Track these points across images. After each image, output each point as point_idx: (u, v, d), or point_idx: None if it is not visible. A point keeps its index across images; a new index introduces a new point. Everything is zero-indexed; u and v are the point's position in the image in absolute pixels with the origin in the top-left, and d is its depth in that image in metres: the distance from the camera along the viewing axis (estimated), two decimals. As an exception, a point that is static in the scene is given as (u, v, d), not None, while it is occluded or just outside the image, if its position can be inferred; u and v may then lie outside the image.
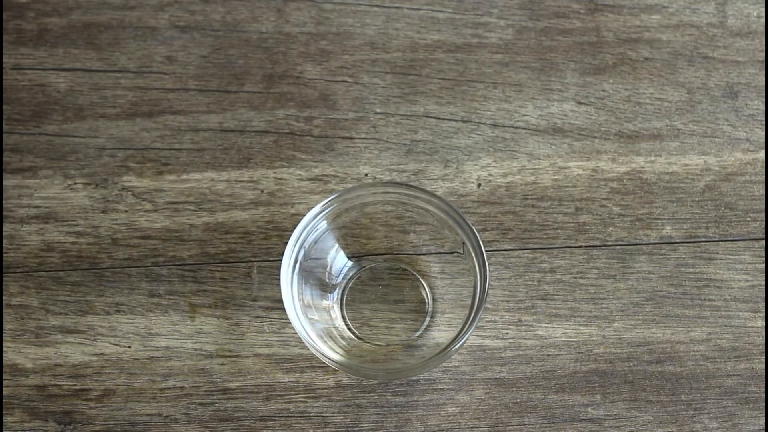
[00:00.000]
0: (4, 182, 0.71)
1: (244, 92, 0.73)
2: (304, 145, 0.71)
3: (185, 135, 0.72)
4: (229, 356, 0.67)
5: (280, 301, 0.63)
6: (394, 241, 0.67)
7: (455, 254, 0.64)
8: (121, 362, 0.67)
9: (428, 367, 0.61)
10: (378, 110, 0.72)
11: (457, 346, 0.60)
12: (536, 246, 0.69)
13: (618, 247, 0.69)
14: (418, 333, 0.67)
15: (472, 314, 0.60)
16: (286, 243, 0.62)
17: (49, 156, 0.71)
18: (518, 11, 0.74)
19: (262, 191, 0.70)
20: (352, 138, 0.71)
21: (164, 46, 0.74)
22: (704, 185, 0.70)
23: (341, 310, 0.68)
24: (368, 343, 0.67)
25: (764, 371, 0.67)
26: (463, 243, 0.62)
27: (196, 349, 0.68)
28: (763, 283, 0.69)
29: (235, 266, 0.69)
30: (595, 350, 0.67)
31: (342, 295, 0.68)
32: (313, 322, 0.63)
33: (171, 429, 0.66)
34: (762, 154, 0.71)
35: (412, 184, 0.68)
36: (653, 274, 0.69)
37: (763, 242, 0.69)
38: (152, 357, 0.68)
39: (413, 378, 0.67)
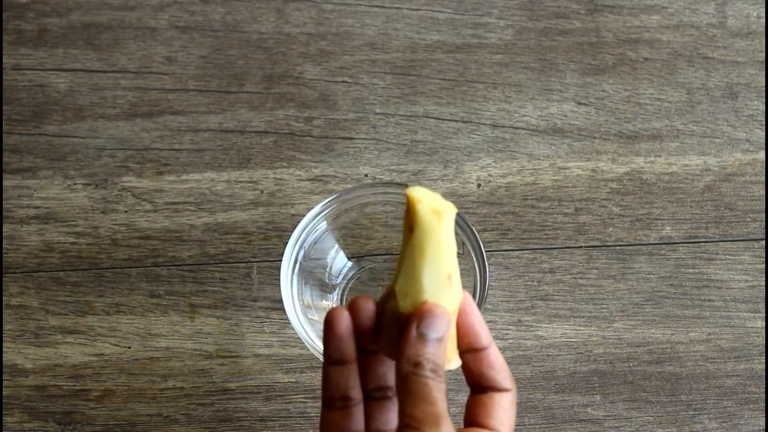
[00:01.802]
0: (4, 182, 0.71)
1: (244, 92, 0.73)
2: (304, 145, 0.71)
3: (185, 135, 0.72)
4: (229, 356, 0.67)
5: (280, 301, 0.63)
6: (394, 241, 0.67)
7: (455, 254, 0.64)
8: (121, 362, 0.67)
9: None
10: (378, 110, 0.72)
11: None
12: (536, 246, 0.69)
13: (618, 247, 0.69)
14: (418, 333, 0.67)
15: (472, 314, 0.60)
16: (286, 243, 0.62)
17: (49, 156, 0.71)
18: (518, 12, 0.74)
19: (262, 191, 0.70)
20: (352, 138, 0.71)
21: (164, 47, 0.74)
22: (704, 185, 0.70)
23: (341, 310, 0.67)
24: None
25: (764, 371, 0.67)
26: (463, 243, 0.62)
27: (195, 350, 0.68)
28: (763, 283, 0.69)
29: (234, 267, 0.69)
30: (595, 350, 0.67)
31: (342, 295, 0.68)
32: (313, 322, 0.63)
33: (171, 429, 0.66)
34: (762, 154, 0.71)
35: (412, 184, 0.68)
36: (653, 274, 0.69)
37: (763, 242, 0.69)
38: (152, 357, 0.68)
39: (413, 378, 0.67)
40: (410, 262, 0.46)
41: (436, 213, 0.45)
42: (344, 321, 0.47)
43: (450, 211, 0.46)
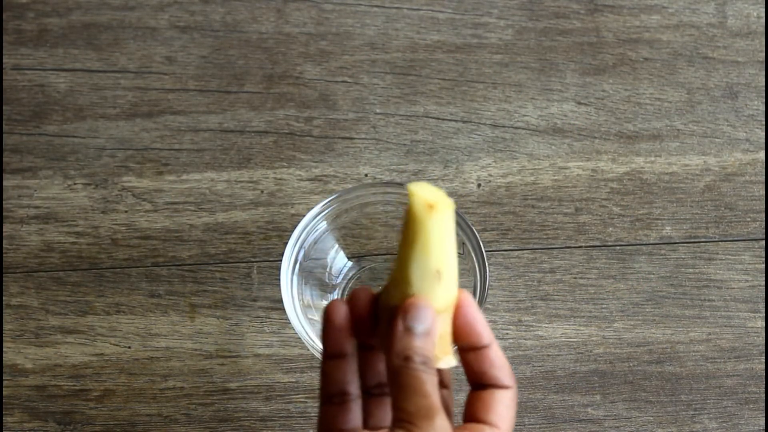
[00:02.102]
0: (4, 182, 0.71)
1: (244, 92, 0.73)
2: (304, 145, 0.71)
3: (185, 135, 0.72)
4: (229, 356, 0.67)
5: (280, 301, 0.63)
6: (394, 241, 0.67)
7: (455, 254, 0.64)
8: (121, 362, 0.67)
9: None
10: (378, 110, 0.72)
11: (457, 347, 0.60)
12: (536, 246, 0.69)
13: (618, 247, 0.69)
14: (418, 333, 0.67)
15: (472, 314, 0.60)
16: (286, 243, 0.62)
17: (49, 156, 0.71)
18: (518, 11, 0.74)
19: (262, 191, 0.70)
20: (352, 138, 0.71)
21: (164, 47, 0.74)
22: (704, 185, 0.70)
23: (341, 310, 0.67)
24: (368, 343, 0.67)
25: (764, 371, 0.67)
26: (463, 243, 0.62)
27: (196, 350, 0.68)
28: (763, 283, 0.69)
29: (235, 266, 0.69)
30: (595, 350, 0.67)
31: (342, 295, 0.68)
32: (313, 322, 0.63)
33: (171, 429, 0.66)
34: (762, 154, 0.71)
35: (412, 184, 0.68)
36: (653, 274, 0.69)
37: (763, 242, 0.69)
38: (152, 357, 0.68)
39: (413, 378, 0.67)
40: (401, 254, 0.46)
41: (429, 207, 0.45)
42: (341, 313, 0.47)
43: (445, 206, 0.45)
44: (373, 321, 0.47)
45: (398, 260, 0.46)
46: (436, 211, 0.45)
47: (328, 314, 0.47)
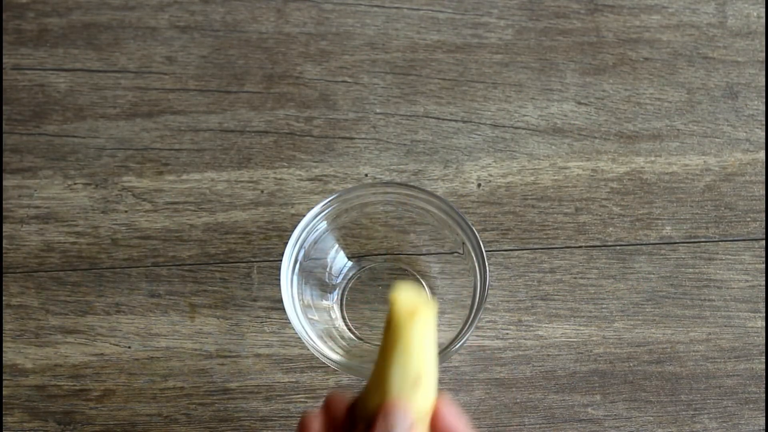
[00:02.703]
0: (4, 182, 0.71)
1: (244, 92, 0.73)
2: (304, 145, 0.71)
3: (185, 135, 0.72)
4: (229, 356, 0.67)
5: (280, 301, 0.63)
6: (394, 242, 0.67)
7: (455, 254, 0.64)
8: (121, 362, 0.67)
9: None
10: (378, 110, 0.72)
11: (457, 347, 0.60)
12: (536, 246, 0.69)
13: (618, 247, 0.69)
14: (418, 333, 0.67)
15: (472, 314, 0.60)
16: (286, 243, 0.62)
17: (49, 156, 0.71)
18: (518, 11, 0.74)
19: (262, 191, 0.70)
20: (352, 138, 0.71)
21: (164, 46, 0.74)
22: (704, 185, 0.70)
23: (341, 310, 0.68)
24: (368, 343, 0.67)
25: (764, 371, 0.67)
26: (463, 243, 0.62)
27: (196, 349, 0.68)
28: (763, 283, 0.69)
29: (235, 266, 0.69)
30: (595, 350, 0.67)
31: (342, 295, 0.68)
32: (313, 322, 0.63)
33: (171, 429, 0.66)
34: (762, 154, 0.71)
35: (412, 184, 0.68)
36: (653, 274, 0.69)
37: (763, 242, 0.69)
38: (152, 357, 0.68)
39: (413, 378, 0.67)
40: (380, 359, 0.47)
41: (410, 314, 0.46)
42: (316, 427, 0.48)
43: (426, 311, 0.46)
44: (349, 428, 0.48)
45: (377, 365, 0.47)
46: (418, 317, 0.46)
47: (302, 429, 0.48)
